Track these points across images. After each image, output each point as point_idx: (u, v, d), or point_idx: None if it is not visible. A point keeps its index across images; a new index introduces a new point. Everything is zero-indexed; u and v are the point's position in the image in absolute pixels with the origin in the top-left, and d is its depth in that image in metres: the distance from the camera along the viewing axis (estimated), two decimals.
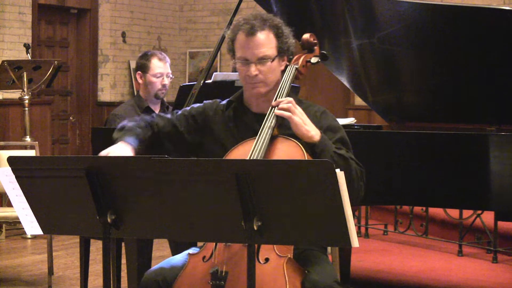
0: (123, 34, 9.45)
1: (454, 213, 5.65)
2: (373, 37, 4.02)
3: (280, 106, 2.68)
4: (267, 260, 2.51)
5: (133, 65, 9.43)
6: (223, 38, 4.10)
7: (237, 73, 4.32)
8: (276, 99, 2.75)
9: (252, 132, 2.75)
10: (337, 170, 2.08)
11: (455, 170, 3.52)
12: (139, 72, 4.30)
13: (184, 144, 2.90)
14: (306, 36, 2.98)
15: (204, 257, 2.60)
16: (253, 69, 2.76)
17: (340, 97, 8.94)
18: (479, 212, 5.48)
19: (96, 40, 9.27)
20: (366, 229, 6.52)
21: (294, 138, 2.68)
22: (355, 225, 6.21)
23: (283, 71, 2.84)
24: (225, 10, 9.58)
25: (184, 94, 3.91)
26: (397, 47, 4.01)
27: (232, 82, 3.94)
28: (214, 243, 2.59)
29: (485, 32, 3.63)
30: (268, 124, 2.68)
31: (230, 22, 4.11)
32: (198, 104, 2.98)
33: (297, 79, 2.91)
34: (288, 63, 2.86)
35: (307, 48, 2.98)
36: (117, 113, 4.22)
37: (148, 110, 4.27)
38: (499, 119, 3.85)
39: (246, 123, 2.85)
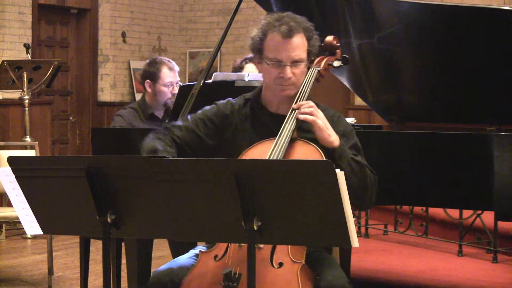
0: (123, 34, 9.45)
1: (454, 213, 5.64)
2: (373, 37, 4.01)
3: (303, 110, 2.67)
4: (281, 264, 2.50)
5: (133, 65, 9.43)
6: (223, 38, 4.09)
7: (237, 73, 4.30)
8: (296, 102, 2.72)
9: (269, 132, 2.73)
10: (337, 170, 2.08)
11: (455, 170, 3.52)
12: (148, 80, 4.26)
13: (204, 148, 2.84)
14: (329, 38, 2.93)
15: (216, 256, 2.58)
16: (289, 71, 2.73)
17: (340, 97, 8.93)
18: (479, 212, 5.48)
19: (96, 40, 9.27)
20: (366, 229, 6.52)
21: (313, 142, 2.66)
22: (355, 225, 6.21)
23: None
24: (225, 10, 9.57)
25: (184, 94, 3.90)
26: (397, 47, 4.00)
27: (232, 82, 3.93)
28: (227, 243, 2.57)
29: (485, 32, 3.62)
30: (289, 127, 2.66)
31: (230, 22, 4.10)
32: (210, 106, 2.92)
33: (318, 82, 2.86)
34: (309, 65, 2.83)
35: (329, 50, 2.93)
36: (121, 113, 4.23)
37: (153, 117, 4.26)
38: (499, 119, 3.85)
39: (264, 123, 2.81)
